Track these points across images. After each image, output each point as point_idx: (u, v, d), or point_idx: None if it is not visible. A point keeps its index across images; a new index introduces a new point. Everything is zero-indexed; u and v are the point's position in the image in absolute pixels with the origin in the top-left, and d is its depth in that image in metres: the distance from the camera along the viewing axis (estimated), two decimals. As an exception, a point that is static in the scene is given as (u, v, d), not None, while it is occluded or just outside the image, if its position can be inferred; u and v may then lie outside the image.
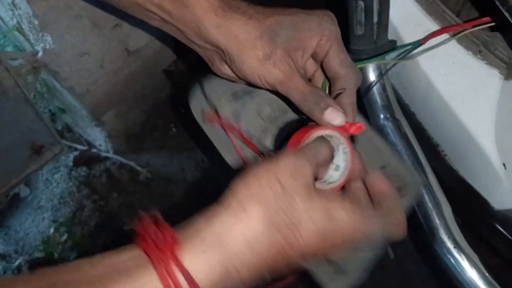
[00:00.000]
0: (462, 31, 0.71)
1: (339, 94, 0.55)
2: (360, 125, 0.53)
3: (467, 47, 0.75)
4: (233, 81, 0.63)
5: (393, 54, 0.76)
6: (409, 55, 0.71)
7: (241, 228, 0.40)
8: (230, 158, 0.65)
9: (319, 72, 0.60)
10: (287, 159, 0.43)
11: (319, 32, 0.55)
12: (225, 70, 0.60)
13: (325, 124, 0.52)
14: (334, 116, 0.52)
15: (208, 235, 0.40)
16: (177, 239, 0.40)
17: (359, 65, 0.67)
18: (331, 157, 0.52)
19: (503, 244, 0.79)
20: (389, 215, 0.48)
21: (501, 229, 0.77)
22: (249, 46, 0.53)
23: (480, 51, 0.74)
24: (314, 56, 0.58)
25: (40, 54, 1.11)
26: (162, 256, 0.38)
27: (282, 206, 0.40)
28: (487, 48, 0.73)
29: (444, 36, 0.73)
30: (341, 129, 0.53)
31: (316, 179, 0.50)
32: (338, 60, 0.56)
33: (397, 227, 0.48)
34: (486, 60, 0.74)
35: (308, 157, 0.45)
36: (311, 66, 0.60)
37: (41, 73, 1.27)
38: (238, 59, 0.54)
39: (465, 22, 0.73)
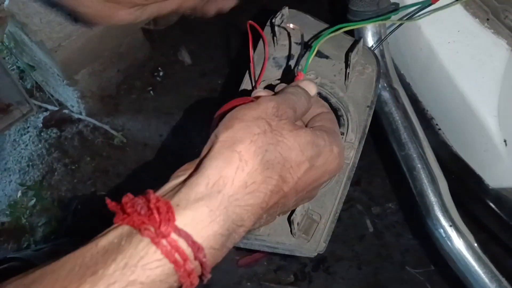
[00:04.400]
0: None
1: None
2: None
3: (474, 14, 0.70)
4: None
5: (394, 17, 0.71)
6: (416, 16, 0.66)
7: (235, 171, 0.39)
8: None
9: None
10: (269, 102, 0.43)
11: None
12: (119, 16, 0.59)
13: None
14: None
15: (203, 187, 0.38)
16: (168, 203, 0.37)
17: (361, 25, 0.63)
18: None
19: (495, 221, 0.77)
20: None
21: (494, 207, 0.75)
22: None
23: (488, 19, 0.69)
24: None
25: (6, 2, 1.02)
26: (156, 226, 0.35)
27: (272, 142, 0.41)
28: (496, 16, 0.69)
29: (452, -1, 0.69)
30: None
31: None
32: None
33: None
34: (493, 29, 0.70)
35: (288, 102, 0.45)
36: None
37: (8, 25, 1.19)
38: None
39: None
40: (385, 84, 0.74)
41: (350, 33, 0.75)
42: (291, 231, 0.58)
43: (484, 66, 0.70)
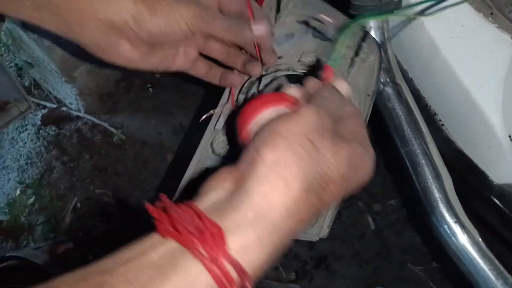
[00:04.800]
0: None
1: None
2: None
3: (478, 9, 0.70)
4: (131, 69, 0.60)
5: (404, 12, 0.70)
6: (427, 11, 0.65)
7: (281, 198, 0.39)
8: None
9: None
10: (313, 115, 0.42)
11: None
12: (123, 49, 0.56)
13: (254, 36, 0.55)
14: (259, 25, 0.55)
15: (250, 212, 0.38)
16: (219, 226, 0.37)
17: (378, 17, 0.63)
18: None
19: (498, 218, 0.77)
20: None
21: (499, 203, 0.74)
22: None
23: (492, 13, 0.69)
24: None
25: None
26: (208, 249, 0.35)
27: (315, 165, 0.40)
28: (500, 10, 0.68)
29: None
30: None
31: None
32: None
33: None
34: (497, 24, 0.69)
35: (328, 111, 0.44)
36: None
37: (6, 22, 1.18)
38: (150, 12, 0.53)
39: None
40: (388, 80, 0.73)
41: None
42: None
43: (488, 61, 0.69)
